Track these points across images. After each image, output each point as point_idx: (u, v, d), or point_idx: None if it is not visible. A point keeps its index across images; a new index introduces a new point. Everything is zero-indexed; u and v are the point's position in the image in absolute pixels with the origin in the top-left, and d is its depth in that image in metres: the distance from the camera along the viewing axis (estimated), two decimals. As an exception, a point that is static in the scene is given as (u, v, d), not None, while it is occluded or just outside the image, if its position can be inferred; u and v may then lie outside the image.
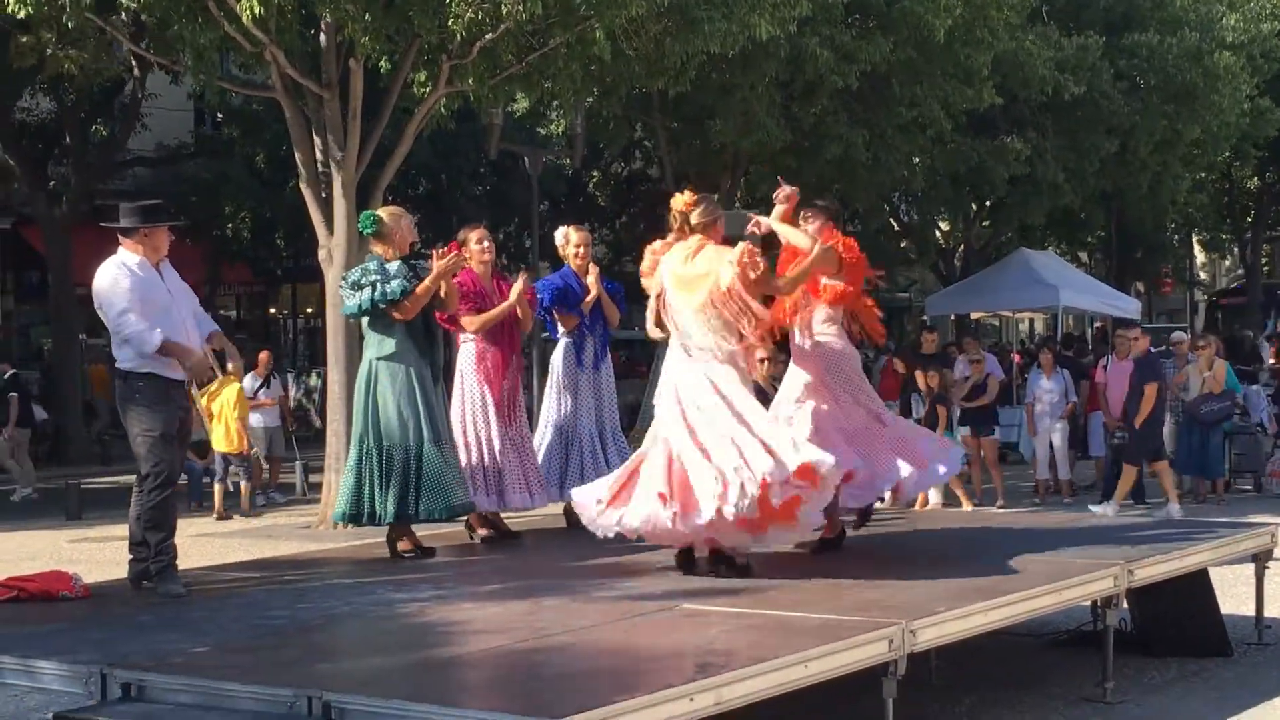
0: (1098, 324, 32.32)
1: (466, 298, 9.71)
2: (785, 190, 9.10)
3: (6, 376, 22.05)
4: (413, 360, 9.02)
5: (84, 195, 28.11)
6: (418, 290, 8.94)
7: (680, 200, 8.44)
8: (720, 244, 8.31)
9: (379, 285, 8.91)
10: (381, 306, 8.93)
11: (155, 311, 8.22)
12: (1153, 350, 18.61)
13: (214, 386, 10.76)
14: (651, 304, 8.48)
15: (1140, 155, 31.94)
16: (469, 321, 9.77)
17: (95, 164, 28.91)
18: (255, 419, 20.80)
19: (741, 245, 8.19)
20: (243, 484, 19.53)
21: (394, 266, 9.02)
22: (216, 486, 19.09)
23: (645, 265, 8.53)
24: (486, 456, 9.77)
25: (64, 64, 18.30)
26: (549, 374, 10.60)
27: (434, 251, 9.07)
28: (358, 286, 8.98)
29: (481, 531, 9.97)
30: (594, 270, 10.48)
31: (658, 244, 8.51)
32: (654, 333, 8.46)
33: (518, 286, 9.85)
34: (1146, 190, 33.79)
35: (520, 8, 15.44)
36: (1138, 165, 32.36)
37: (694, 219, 8.34)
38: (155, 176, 31.39)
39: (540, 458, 10.21)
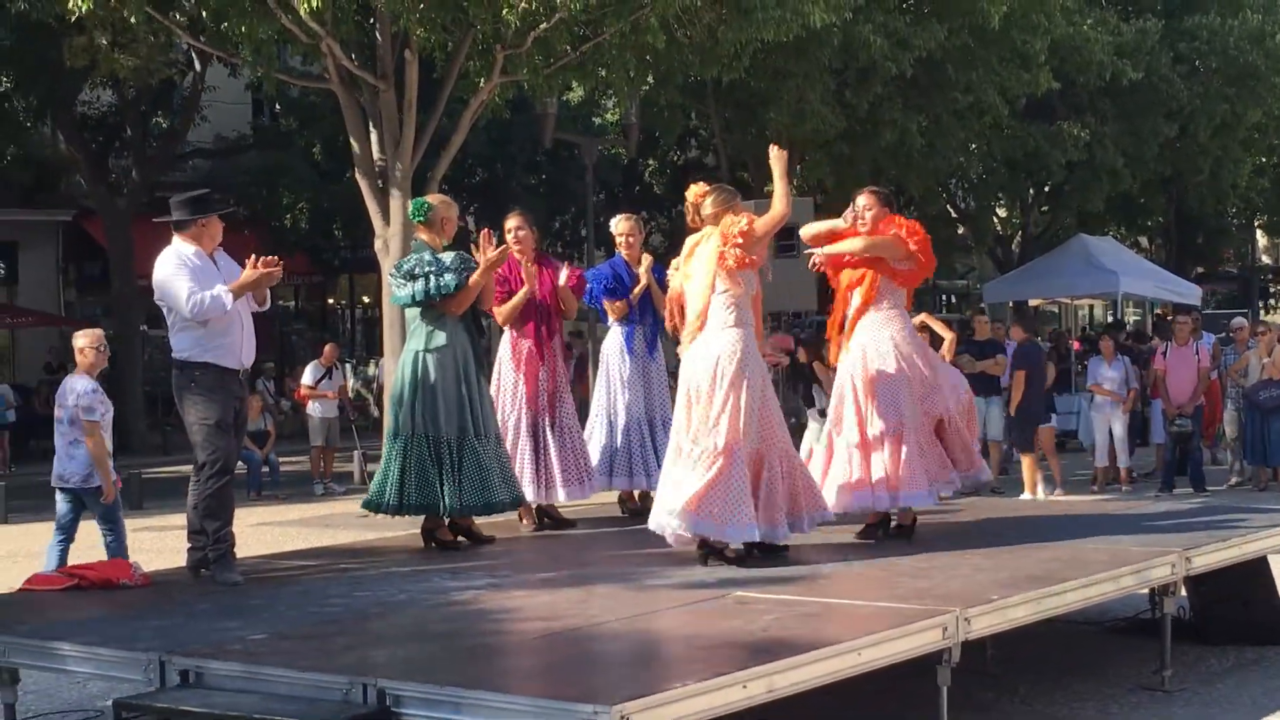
0: (1159, 310, 32.09)
1: (502, 285, 9.69)
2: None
3: None
4: (461, 352, 8.99)
5: (145, 187, 28.39)
6: (470, 284, 8.92)
7: (692, 191, 8.46)
8: None
9: (433, 277, 8.85)
10: (436, 299, 8.90)
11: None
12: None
13: None
14: (671, 309, 8.53)
15: (1200, 139, 31.67)
16: (497, 313, 9.71)
17: (155, 156, 29.19)
18: (314, 409, 20.99)
19: (728, 220, 8.21)
20: None
21: (448, 258, 8.96)
22: None
23: (671, 272, 8.60)
24: (519, 446, 9.75)
25: (116, 65, 18.46)
26: (600, 363, 10.59)
27: (476, 244, 9.00)
28: (412, 276, 8.92)
29: (525, 523, 10.00)
30: (646, 259, 10.46)
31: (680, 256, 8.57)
32: (680, 337, 8.50)
33: (530, 270, 9.75)
34: (1207, 175, 33.51)
35: (574, -3, 15.48)
36: (1198, 149, 32.10)
37: (705, 209, 8.32)
38: (214, 168, 31.65)
39: (592, 447, 10.21)
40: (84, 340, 10.85)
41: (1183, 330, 18.11)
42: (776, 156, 8.51)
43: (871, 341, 8.83)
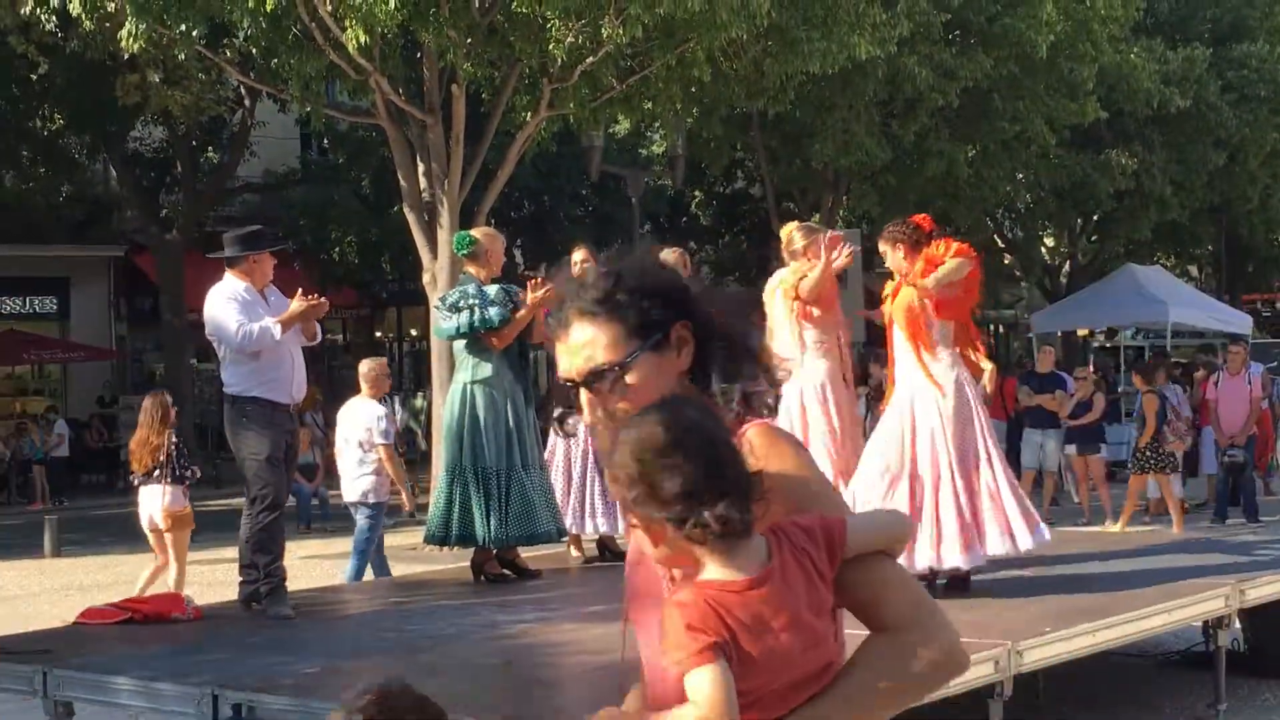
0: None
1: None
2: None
3: None
4: (508, 384, 9.00)
5: (195, 222, 28.63)
6: (515, 319, 8.95)
7: (784, 230, 8.79)
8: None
9: (477, 310, 8.88)
10: (480, 332, 8.92)
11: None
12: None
13: None
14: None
15: (1249, 167, 31.49)
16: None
17: (206, 191, 29.43)
18: (363, 441, 21.06)
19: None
20: None
21: (492, 291, 8.98)
22: None
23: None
24: (586, 477, 9.77)
25: (168, 102, 18.68)
26: None
27: (529, 282, 9.02)
28: (456, 309, 8.96)
29: (576, 554, 10.01)
30: None
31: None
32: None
33: None
34: (1257, 203, 33.30)
35: (620, 31, 15.53)
36: (1247, 178, 31.92)
37: (793, 245, 8.61)
38: (264, 202, 31.88)
39: None
40: (368, 367, 11.90)
41: (1235, 359, 17.99)
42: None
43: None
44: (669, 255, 10.62)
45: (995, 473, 8.13)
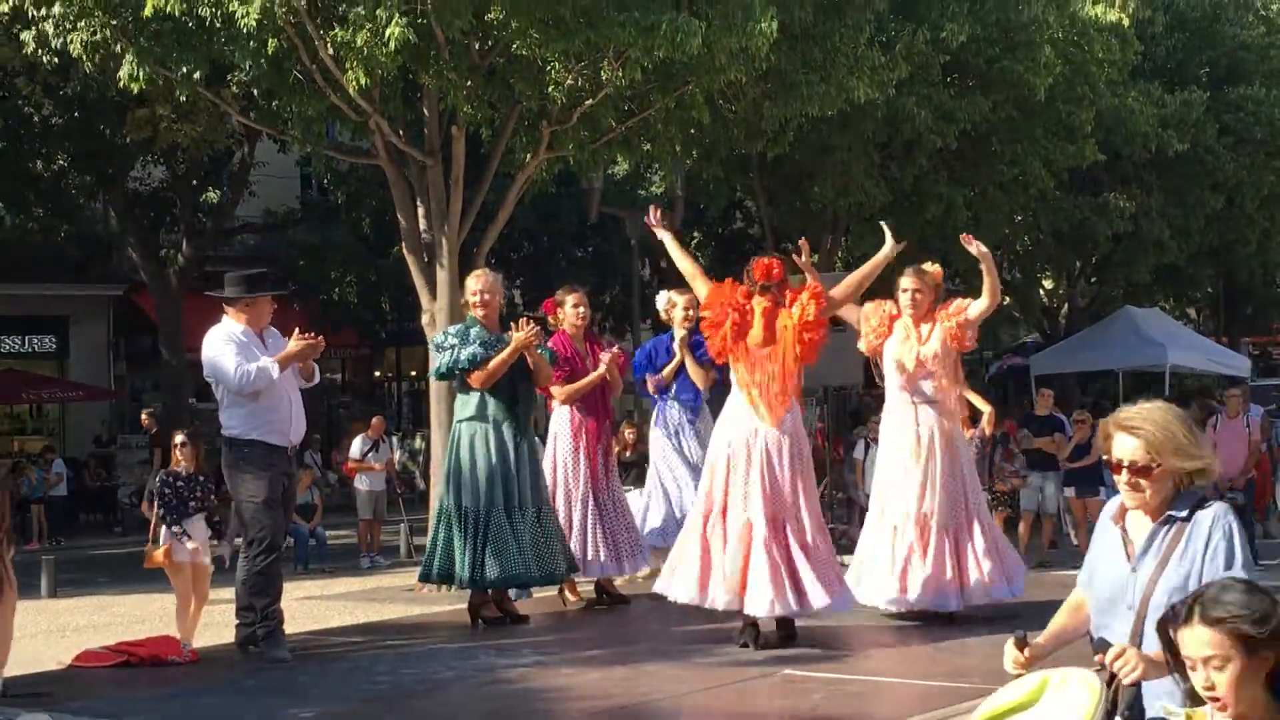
0: None
1: (557, 364, 9.70)
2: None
3: None
4: (496, 424, 8.96)
5: (194, 262, 28.63)
6: (492, 362, 8.90)
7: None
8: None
9: (455, 351, 8.93)
10: (457, 372, 8.94)
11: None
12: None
13: None
14: None
15: (1247, 210, 31.59)
16: (558, 392, 9.74)
17: (205, 231, 29.45)
18: (362, 482, 21.06)
19: None
20: None
21: (474, 333, 9.01)
22: None
23: None
24: (579, 521, 9.75)
25: (177, 135, 18.76)
26: (665, 438, 10.53)
27: (514, 323, 9.02)
28: (440, 349, 9.09)
29: (572, 598, 9.98)
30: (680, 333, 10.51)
31: None
32: None
33: (605, 356, 9.80)
34: (1255, 246, 33.39)
35: (620, 73, 15.59)
36: (1245, 221, 32.01)
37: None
38: (263, 242, 31.93)
39: (658, 523, 10.19)
40: None
41: (1234, 402, 17.99)
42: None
43: None
44: (678, 298, 10.64)
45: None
